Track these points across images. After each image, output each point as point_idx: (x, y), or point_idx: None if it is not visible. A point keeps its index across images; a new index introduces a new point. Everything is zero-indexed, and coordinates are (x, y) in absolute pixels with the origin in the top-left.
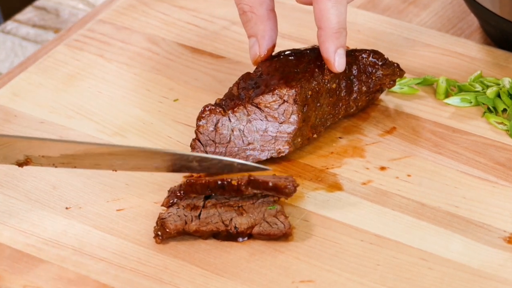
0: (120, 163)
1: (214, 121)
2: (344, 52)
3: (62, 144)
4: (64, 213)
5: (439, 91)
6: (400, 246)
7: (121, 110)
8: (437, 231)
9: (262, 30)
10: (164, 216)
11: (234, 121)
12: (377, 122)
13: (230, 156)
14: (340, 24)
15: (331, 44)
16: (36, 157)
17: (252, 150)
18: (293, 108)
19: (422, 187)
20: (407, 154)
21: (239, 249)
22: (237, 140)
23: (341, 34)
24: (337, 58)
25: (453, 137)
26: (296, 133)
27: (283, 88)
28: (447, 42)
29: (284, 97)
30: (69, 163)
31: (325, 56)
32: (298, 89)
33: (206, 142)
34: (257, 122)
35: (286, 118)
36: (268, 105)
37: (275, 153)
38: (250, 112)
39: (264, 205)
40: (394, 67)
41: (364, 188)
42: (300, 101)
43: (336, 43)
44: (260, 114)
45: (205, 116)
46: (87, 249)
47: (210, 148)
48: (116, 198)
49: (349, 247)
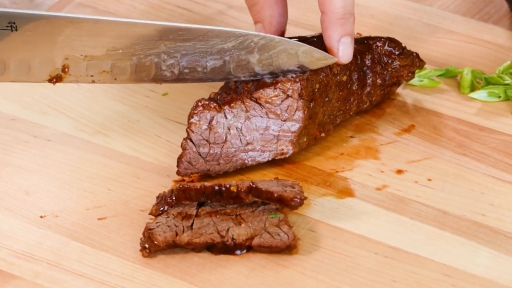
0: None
1: (208, 118)
2: (350, 40)
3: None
4: (38, 222)
5: (464, 84)
6: (420, 260)
7: (103, 106)
8: (461, 242)
9: (269, 16)
10: (152, 226)
11: (230, 118)
12: (393, 119)
13: (226, 158)
14: (346, 8)
15: (335, 31)
16: (77, 58)
17: (251, 151)
18: (298, 103)
19: (445, 193)
20: (427, 155)
21: (237, 264)
22: (234, 139)
23: (347, 20)
24: (341, 48)
25: (480, 136)
26: (301, 132)
27: (286, 82)
28: (473, 29)
29: (287, 92)
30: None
31: (328, 45)
32: (303, 82)
33: (199, 142)
34: (257, 119)
35: (290, 115)
36: (270, 100)
37: (278, 154)
38: (249, 108)
39: (265, 213)
40: (413, 57)
41: (378, 194)
42: (306, 95)
43: (341, 30)
44: (260, 110)
45: (198, 112)
46: (64, 263)
47: (204, 148)
48: (97, 206)
49: (361, 261)
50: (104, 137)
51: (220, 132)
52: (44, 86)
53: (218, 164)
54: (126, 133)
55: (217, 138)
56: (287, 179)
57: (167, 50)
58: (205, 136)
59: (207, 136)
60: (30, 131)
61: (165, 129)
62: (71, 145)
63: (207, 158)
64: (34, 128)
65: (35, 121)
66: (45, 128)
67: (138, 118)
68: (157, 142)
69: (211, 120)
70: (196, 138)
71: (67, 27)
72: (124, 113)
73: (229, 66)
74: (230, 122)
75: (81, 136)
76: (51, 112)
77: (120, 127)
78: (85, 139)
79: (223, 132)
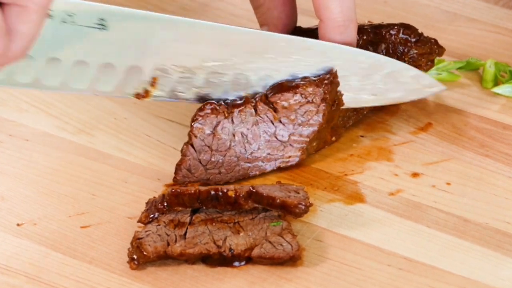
0: None
1: (213, 123)
2: None
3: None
4: (15, 230)
5: (486, 78)
6: (437, 273)
7: (87, 102)
8: (483, 253)
9: (275, 18)
10: (141, 235)
11: (237, 124)
12: (408, 117)
13: (228, 167)
14: (345, 14)
15: (332, 41)
16: (167, 70)
17: (255, 161)
18: (319, 107)
19: (465, 198)
20: (446, 157)
21: (235, 277)
22: (238, 147)
23: (346, 27)
24: None
25: (504, 136)
26: (314, 137)
27: (308, 86)
28: (496, 16)
29: (309, 97)
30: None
31: None
32: (328, 87)
33: (200, 148)
34: (266, 124)
35: (306, 119)
36: (287, 105)
37: (284, 162)
38: (261, 112)
39: (266, 221)
40: (431, 44)
41: (391, 199)
42: (330, 99)
43: (340, 39)
44: (272, 115)
45: (204, 115)
46: (44, 276)
47: (205, 155)
48: (80, 212)
49: (373, 274)
50: (88, 136)
51: (224, 139)
52: None
53: (219, 173)
54: (112, 132)
55: (220, 145)
56: (291, 183)
57: (268, 66)
58: (207, 142)
59: (210, 142)
60: (6, 130)
61: (156, 128)
62: (51, 146)
63: (208, 166)
64: (10, 127)
65: (12, 118)
66: (23, 127)
67: (125, 115)
68: (147, 142)
69: (217, 126)
70: (198, 144)
71: (162, 29)
72: (110, 110)
73: None
74: (236, 128)
75: (62, 136)
76: (29, 109)
77: (105, 125)
78: (67, 138)
79: (227, 138)
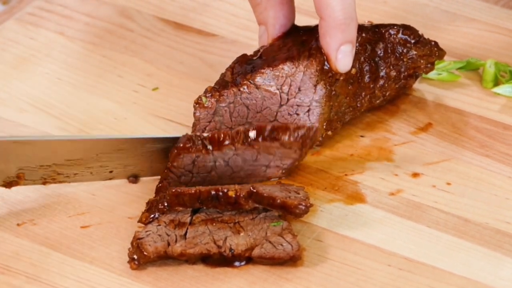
0: None
1: (192, 157)
2: (351, 49)
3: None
4: (15, 230)
5: (487, 78)
6: (437, 273)
7: (87, 102)
8: (484, 253)
9: (272, 17)
10: (142, 235)
11: (217, 155)
12: (408, 117)
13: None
14: (346, 12)
15: (334, 39)
16: (32, 168)
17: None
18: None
19: (465, 199)
20: (446, 157)
21: (235, 277)
22: (220, 169)
23: (347, 26)
24: (339, 56)
25: (504, 136)
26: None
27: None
28: (496, 16)
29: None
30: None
31: (325, 52)
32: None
33: (180, 173)
34: (246, 153)
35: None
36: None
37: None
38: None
39: (267, 221)
40: (431, 46)
41: (392, 199)
42: (306, 150)
43: (341, 38)
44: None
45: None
46: (44, 276)
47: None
48: (81, 212)
49: (373, 274)
50: None
51: (205, 166)
52: (22, 81)
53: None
54: (112, 132)
55: (201, 168)
56: (291, 184)
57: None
58: (188, 168)
59: (190, 168)
60: (6, 130)
61: (156, 127)
62: None
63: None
64: (11, 127)
65: (12, 119)
66: (23, 127)
67: (125, 115)
68: None
69: (196, 158)
70: (177, 172)
71: (19, 148)
72: (110, 110)
73: None
74: (217, 157)
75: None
76: (29, 109)
77: (106, 125)
78: None
79: (208, 165)
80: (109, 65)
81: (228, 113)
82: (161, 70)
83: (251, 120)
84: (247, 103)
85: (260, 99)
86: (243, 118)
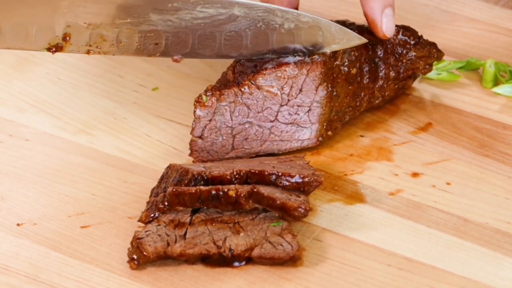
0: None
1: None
2: (392, 13)
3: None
4: (15, 230)
5: (486, 78)
6: (438, 273)
7: (87, 102)
8: (483, 253)
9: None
10: (141, 235)
11: None
12: (408, 117)
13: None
14: None
15: (377, 2)
16: (80, 27)
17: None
18: None
19: (465, 198)
20: (445, 156)
21: (235, 277)
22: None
23: None
24: (384, 20)
25: (504, 136)
26: None
27: None
28: (496, 16)
29: None
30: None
31: (371, 17)
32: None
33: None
34: None
35: None
36: None
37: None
38: None
39: (267, 221)
40: (430, 47)
41: (391, 199)
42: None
43: (383, 1)
44: None
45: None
46: (43, 276)
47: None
48: (80, 212)
49: (373, 274)
50: (88, 136)
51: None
52: (22, 80)
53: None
54: (112, 132)
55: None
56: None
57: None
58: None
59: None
60: (6, 130)
61: (156, 127)
62: (51, 145)
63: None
64: (10, 127)
65: (12, 119)
66: (23, 127)
67: (125, 115)
68: (147, 142)
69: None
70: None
71: None
72: (110, 109)
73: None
74: None
75: (62, 136)
76: (29, 109)
77: (105, 125)
78: (66, 138)
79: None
80: (109, 65)
81: (228, 112)
82: (161, 70)
83: (251, 119)
84: (248, 102)
85: (261, 99)
86: (243, 117)
